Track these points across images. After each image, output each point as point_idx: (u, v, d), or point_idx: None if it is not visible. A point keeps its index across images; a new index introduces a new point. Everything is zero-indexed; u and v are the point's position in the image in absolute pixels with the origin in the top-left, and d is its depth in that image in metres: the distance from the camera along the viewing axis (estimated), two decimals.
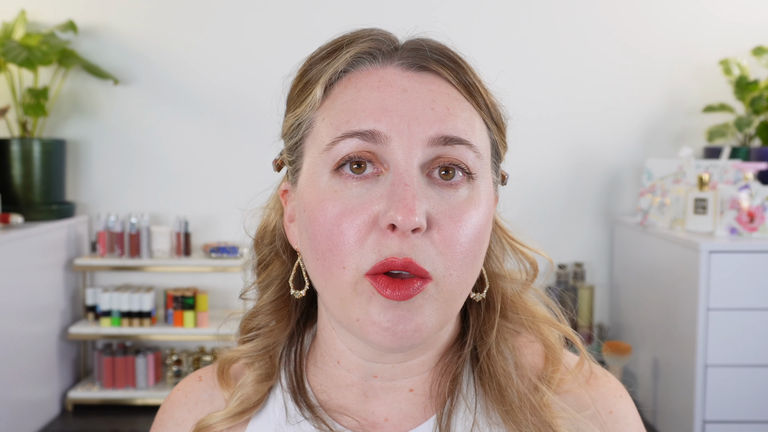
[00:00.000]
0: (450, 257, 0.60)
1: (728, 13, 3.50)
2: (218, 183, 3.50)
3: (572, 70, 3.51)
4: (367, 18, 3.36)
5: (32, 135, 3.27)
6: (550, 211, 3.54)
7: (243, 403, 0.71)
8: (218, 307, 3.51)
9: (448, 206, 0.60)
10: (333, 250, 0.60)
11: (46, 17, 3.39)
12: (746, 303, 2.61)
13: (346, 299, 0.61)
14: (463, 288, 0.62)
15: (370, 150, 0.60)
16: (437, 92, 0.62)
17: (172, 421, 0.76)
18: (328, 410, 0.69)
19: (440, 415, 0.67)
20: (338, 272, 0.60)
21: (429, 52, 0.63)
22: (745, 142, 3.44)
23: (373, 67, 0.64)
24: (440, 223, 0.60)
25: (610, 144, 3.55)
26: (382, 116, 0.60)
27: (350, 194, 0.60)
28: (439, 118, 0.61)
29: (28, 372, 2.95)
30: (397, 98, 0.61)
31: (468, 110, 0.63)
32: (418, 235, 0.59)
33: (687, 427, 2.67)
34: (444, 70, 0.63)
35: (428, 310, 0.60)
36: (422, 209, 0.58)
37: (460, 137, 0.61)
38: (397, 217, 0.57)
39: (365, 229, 0.59)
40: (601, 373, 0.73)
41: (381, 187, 0.60)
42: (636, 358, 3.19)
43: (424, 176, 0.61)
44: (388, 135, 0.60)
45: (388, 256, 0.58)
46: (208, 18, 3.46)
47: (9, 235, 2.79)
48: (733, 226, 2.76)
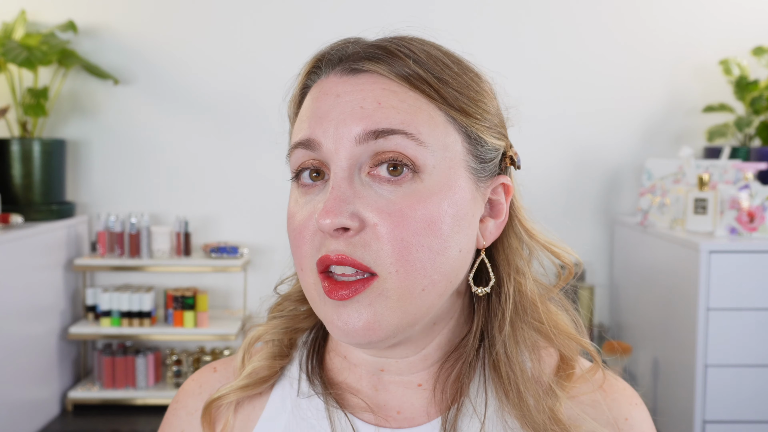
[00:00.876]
0: (394, 253, 0.60)
1: (728, 13, 3.50)
2: (218, 183, 3.50)
3: (572, 71, 3.51)
4: (366, 19, 3.36)
5: (32, 135, 3.27)
6: (550, 211, 3.54)
7: (251, 376, 0.73)
8: (218, 307, 3.51)
9: (387, 202, 0.61)
10: (295, 254, 0.65)
11: (46, 17, 3.39)
12: (746, 303, 2.61)
13: (314, 301, 0.65)
14: (422, 284, 0.61)
15: (314, 158, 0.64)
16: (370, 90, 0.62)
17: (185, 410, 0.76)
18: (342, 390, 0.71)
19: (445, 418, 0.67)
20: (301, 275, 0.65)
21: (364, 52, 0.64)
22: (745, 142, 3.44)
23: (320, 79, 0.66)
24: (377, 220, 0.60)
25: (610, 144, 3.55)
26: (315, 124, 0.63)
27: (304, 200, 0.64)
28: (367, 114, 0.61)
29: (28, 372, 2.95)
30: (330, 104, 0.63)
31: (411, 100, 0.62)
32: (352, 234, 0.60)
33: (687, 427, 2.67)
34: (377, 65, 0.63)
35: (379, 308, 0.61)
36: (346, 210, 0.60)
37: (392, 128, 0.61)
38: (319, 220, 0.60)
39: (313, 233, 0.63)
40: (617, 380, 0.74)
41: (325, 192, 0.63)
42: (636, 358, 3.19)
43: (365, 176, 0.62)
44: (320, 141, 0.62)
45: (324, 253, 0.61)
46: (209, 18, 3.46)
47: (9, 235, 2.79)
48: (733, 226, 2.76)
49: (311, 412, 0.70)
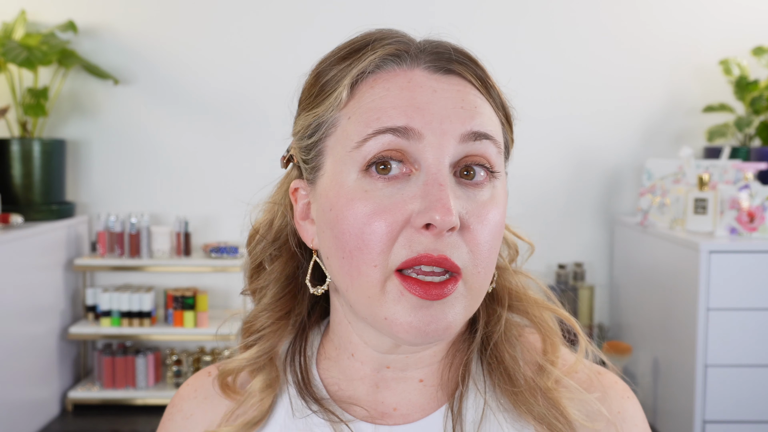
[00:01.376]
0: (477, 255, 0.62)
1: (728, 13, 3.50)
2: (218, 183, 3.50)
3: (572, 71, 3.51)
4: (365, 20, 3.36)
5: (32, 135, 3.27)
6: (551, 211, 3.54)
7: (251, 415, 0.71)
8: (218, 307, 3.51)
9: (475, 205, 0.62)
10: (363, 249, 0.61)
11: (46, 17, 3.39)
12: (746, 303, 2.61)
13: (374, 297, 0.62)
14: (487, 283, 0.65)
15: (400, 148, 0.61)
16: (464, 92, 0.64)
17: (180, 414, 0.76)
18: (338, 401, 0.70)
19: (452, 402, 0.68)
20: (368, 270, 0.61)
21: (454, 55, 0.65)
22: (745, 142, 3.44)
23: (400, 68, 0.64)
24: (469, 222, 0.62)
25: (610, 144, 3.55)
26: (415, 113, 0.61)
27: (381, 194, 0.61)
28: (470, 115, 0.63)
29: (28, 372, 2.95)
30: (428, 97, 0.62)
31: (489, 109, 0.65)
32: (451, 234, 0.60)
33: (687, 427, 2.67)
34: (467, 71, 0.65)
35: (459, 307, 0.62)
36: (456, 209, 0.60)
37: (488, 133, 0.63)
38: (435, 216, 0.58)
39: (397, 228, 0.60)
40: (608, 373, 0.75)
41: (413, 186, 0.61)
42: (636, 358, 3.19)
43: (452, 176, 0.62)
44: (422, 132, 0.61)
45: (422, 252, 0.60)
46: (209, 18, 3.46)
47: (9, 235, 2.79)
48: (733, 226, 2.76)
49: (308, 428, 0.70)
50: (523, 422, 0.67)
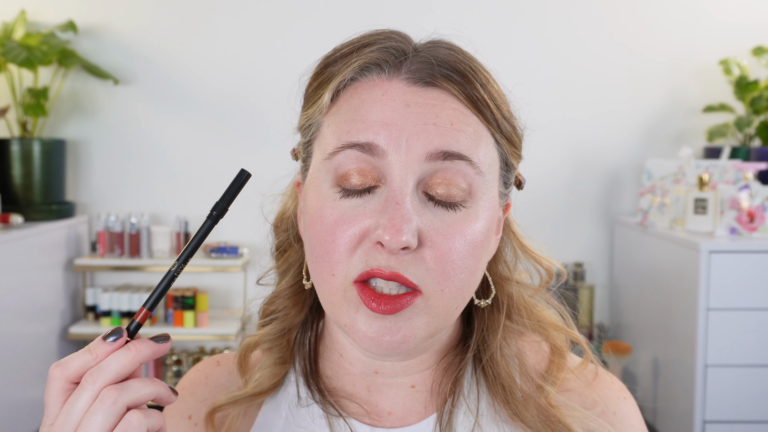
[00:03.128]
0: (442, 274, 0.60)
1: (728, 13, 3.50)
2: (218, 183, 3.50)
3: (572, 72, 3.51)
4: (364, 19, 3.36)
5: (32, 135, 3.27)
6: (551, 211, 3.54)
7: (259, 385, 0.72)
8: (218, 307, 3.51)
9: (442, 224, 0.60)
10: (325, 257, 0.62)
11: (46, 17, 3.39)
12: (746, 303, 2.61)
13: (336, 304, 0.62)
14: (457, 303, 0.63)
15: (367, 163, 0.61)
16: (441, 107, 0.61)
17: (193, 397, 0.77)
18: (337, 396, 0.71)
19: (440, 414, 0.68)
20: (328, 278, 0.62)
21: (437, 67, 0.62)
22: (745, 142, 3.44)
23: (379, 78, 0.63)
24: (433, 240, 0.60)
25: (610, 144, 3.55)
26: (382, 129, 0.60)
27: (347, 205, 0.61)
28: (441, 132, 0.60)
29: (28, 372, 2.94)
30: (399, 112, 0.61)
31: (474, 125, 0.62)
32: (407, 252, 0.59)
33: (687, 427, 2.67)
34: (451, 84, 0.62)
35: (417, 322, 0.61)
36: (411, 228, 0.58)
37: (461, 153, 0.61)
38: (384, 236, 0.58)
39: (356, 240, 0.60)
40: (605, 374, 0.74)
41: (376, 200, 0.61)
42: (636, 358, 3.19)
43: (420, 192, 0.61)
44: (386, 149, 0.60)
45: (375, 267, 0.59)
46: (209, 18, 3.46)
47: (9, 235, 2.79)
48: (733, 226, 2.76)
49: (309, 419, 0.70)
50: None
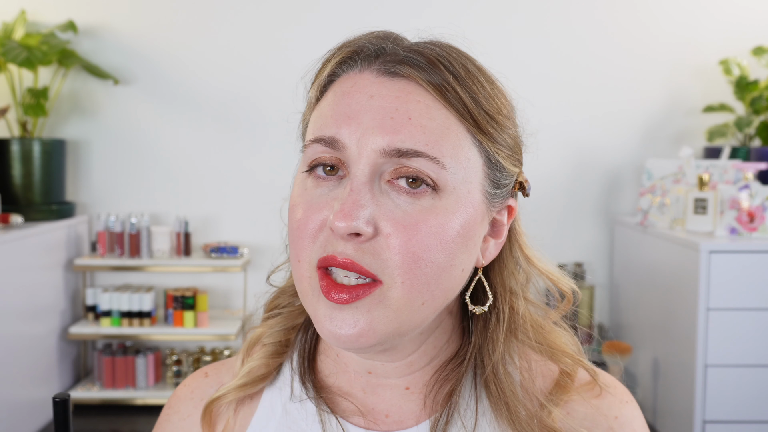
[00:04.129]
0: (401, 265, 0.59)
1: (728, 13, 3.50)
2: (218, 183, 3.50)
3: (572, 72, 3.51)
4: (364, 22, 3.36)
5: (32, 135, 3.27)
6: (551, 211, 3.54)
7: (249, 374, 0.72)
8: (218, 307, 3.51)
9: (403, 214, 0.60)
10: (293, 243, 0.63)
11: (46, 17, 3.39)
12: (746, 303, 2.61)
13: (303, 292, 0.63)
14: (423, 298, 0.61)
15: (331, 155, 0.62)
16: (404, 99, 0.61)
17: (177, 416, 0.77)
18: (333, 394, 0.71)
19: (435, 421, 0.67)
20: (296, 264, 0.63)
21: (404, 56, 0.62)
22: (745, 142, 3.44)
23: (353, 72, 0.64)
24: (391, 231, 0.59)
25: (610, 144, 3.55)
26: (343, 123, 0.61)
27: (315, 193, 0.62)
28: (395, 128, 0.59)
29: (28, 372, 2.94)
30: (362, 105, 0.61)
31: (441, 118, 0.61)
32: (363, 240, 0.59)
33: (687, 427, 2.67)
34: (418, 74, 0.61)
35: (376, 315, 0.60)
36: (363, 215, 0.58)
37: (416, 149, 0.59)
38: (334, 221, 0.58)
39: (318, 227, 0.61)
40: (605, 375, 0.74)
41: (340, 189, 0.61)
42: (636, 358, 3.19)
43: (384, 183, 0.61)
44: (345, 143, 0.61)
45: (330, 253, 0.60)
46: (209, 18, 3.46)
47: (9, 235, 2.79)
48: (733, 226, 2.76)
49: (302, 416, 0.70)
50: None
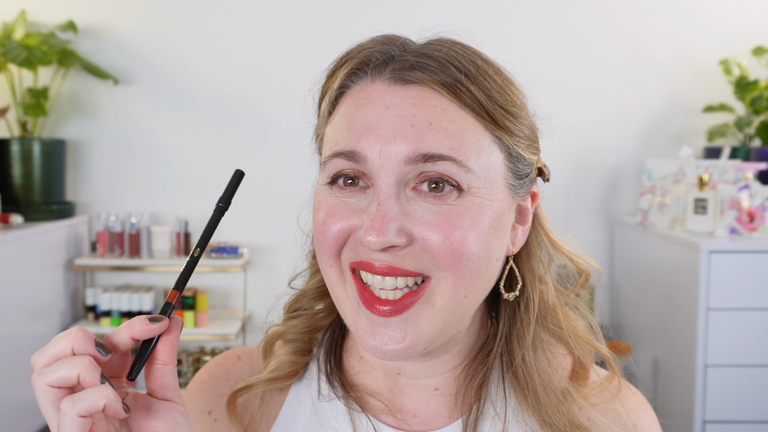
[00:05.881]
0: (446, 260, 0.60)
1: (728, 13, 3.50)
2: (218, 183, 3.50)
3: (571, 72, 3.51)
4: (363, 22, 3.36)
5: (32, 135, 3.27)
6: (551, 211, 3.53)
7: (276, 370, 0.72)
8: (218, 307, 3.50)
9: (433, 215, 0.60)
10: (321, 249, 0.63)
11: (46, 17, 3.39)
12: (746, 303, 2.61)
13: (339, 297, 0.64)
14: (464, 290, 0.61)
15: (352, 168, 0.62)
16: (421, 105, 0.60)
17: (213, 392, 0.76)
18: (361, 392, 0.71)
19: (467, 420, 0.67)
20: (327, 269, 0.64)
21: (415, 61, 0.62)
22: (745, 142, 3.44)
23: (363, 82, 0.63)
24: (426, 233, 0.59)
25: (610, 144, 3.55)
26: (362, 136, 0.61)
27: (336, 201, 0.63)
28: (418, 135, 0.59)
29: (28, 372, 2.93)
30: (378, 116, 0.61)
31: (460, 120, 0.61)
32: (398, 249, 0.60)
33: (687, 427, 2.67)
34: (430, 78, 0.61)
35: (424, 319, 0.60)
36: (394, 228, 0.59)
37: (442, 153, 0.59)
38: (366, 237, 0.58)
39: (344, 234, 0.62)
40: (626, 386, 0.74)
41: (365, 200, 0.61)
42: (636, 358, 3.19)
43: (410, 191, 0.61)
44: (365, 155, 0.60)
45: (365, 259, 0.60)
46: (209, 19, 3.46)
47: (9, 235, 2.79)
48: (733, 226, 2.76)
49: (332, 415, 0.70)
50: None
